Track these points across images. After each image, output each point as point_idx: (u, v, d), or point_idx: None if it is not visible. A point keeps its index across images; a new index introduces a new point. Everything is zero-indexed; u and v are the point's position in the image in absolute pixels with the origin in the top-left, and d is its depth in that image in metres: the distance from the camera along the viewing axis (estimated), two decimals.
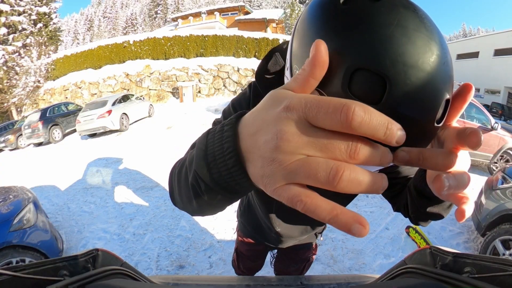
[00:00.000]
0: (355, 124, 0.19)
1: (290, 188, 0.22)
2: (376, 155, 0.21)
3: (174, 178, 0.43)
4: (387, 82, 0.25)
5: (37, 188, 4.47)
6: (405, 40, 0.25)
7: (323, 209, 0.21)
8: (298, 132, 0.21)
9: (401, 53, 0.25)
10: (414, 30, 0.26)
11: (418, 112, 0.26)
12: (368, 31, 0.26)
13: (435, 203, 0.48)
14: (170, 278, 0.67)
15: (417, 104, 0.26)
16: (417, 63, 0.25)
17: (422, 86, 0.25)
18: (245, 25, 23.13)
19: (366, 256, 2.46)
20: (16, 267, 0.40)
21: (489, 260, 0.43)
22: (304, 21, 0.32)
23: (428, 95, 0.26)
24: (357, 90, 0.26)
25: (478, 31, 72.45)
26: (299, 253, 1.09)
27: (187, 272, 2.37)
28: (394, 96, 0.25)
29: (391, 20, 0.26)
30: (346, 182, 0.19)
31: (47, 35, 14.97)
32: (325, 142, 0.20)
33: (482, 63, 21.59)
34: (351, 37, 0.26)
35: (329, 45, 0.26)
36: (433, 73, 0.26)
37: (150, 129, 8.18)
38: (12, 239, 2.04)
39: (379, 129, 0.19)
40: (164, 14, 53.95)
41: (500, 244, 2.15)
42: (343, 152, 0.20)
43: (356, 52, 0.25)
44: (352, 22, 0.26)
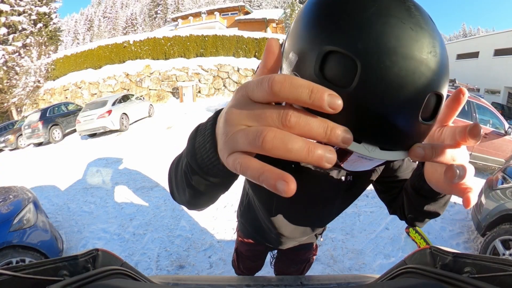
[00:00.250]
0: (275, 89, 0.20)
1: (233, 155, 0.24)
2: (313, 123, 0.21)
3: (172, 170, 0.46)
4: (358, 65, 0.23)
5: (37, 188, 4.47)
6: (382, 24, 0.24)
7: (253, 168, 0.22)
8: (240, 107, 0.24)
9: (375, 36, 0.23)
10: (395, 16, 0.24)
11: (394, 102, 0.24)
12: (345, 15, 0.25)
13: (431, 201, 0.49)
14: (170, 278, 0.67)
15: (391, 92, 0.24)
16: (394, 49, 0.23)
17: (399, 74, 0.23)
18: (245, 25, 23.12)
19: (366, 256, 2.46)
20: (16, 267, 0.40)
21: (489, 260, 0.43)
22: (296, 18, 0.33)
23: (407, 85, 0.24)
24: (329, 73, 0.25)
25: (478, 31, 72.44)
26: (299, 254, 1.08)
27: (187, 272, 2.37)
28: (365, 81, 0.23)
29: (370, 5, 0.25)
30: (269, 143, 0.20)
31: (47, 35, 14.97)
32: (260, 113, 0.22)
33: (482, 63, 21.58)
34: (329, 21, 0.26)
35: (309, 30, 0.27)
36: (413, 61, 0.24)
37: (150, 129, 8.18)
38: (12, 239, 2.04)
39: (302, 92, 0.20)
40: (164, 14, 53.93)
41: (500, 244, 2.15)
42: (275, 120, 0.21)
43: (330, 35, 0.25)
44: (332, 8, 0.26)
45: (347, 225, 2.93)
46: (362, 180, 0.65)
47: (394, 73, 0.23)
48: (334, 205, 0.69)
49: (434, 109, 0.27)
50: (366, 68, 0.23)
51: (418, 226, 0.61)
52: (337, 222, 2.95)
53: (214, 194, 0.39)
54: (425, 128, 0.28)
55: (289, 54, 0.29)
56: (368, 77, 0.23)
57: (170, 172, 0.48)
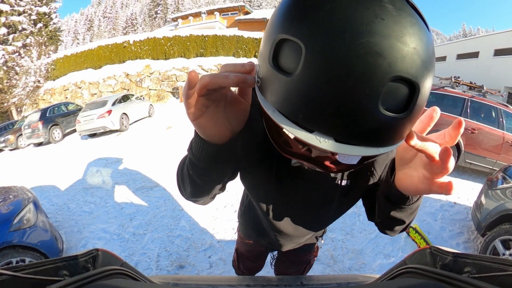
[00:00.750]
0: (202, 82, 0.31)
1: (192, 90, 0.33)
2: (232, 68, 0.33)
3: (179, 169, 0.55)
4: (301, 49, 0.22)
5: (37, 188, 4.47)
6: (332, 5, 0.22)
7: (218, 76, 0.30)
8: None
9: (322, 17, 0.22)
10: (352, 1, 0.22)
11: (343, 86, 0.21)
12: (301, 3, 0.24)
13: (398, 208, 0.50)
14: (170, 278, 0.67)
15: (339, 76, 0.21)
16: (341, 28, 0.21)
17: (347, 55, 0.21)
18: (245, 25, 23.12)
19: (366, 256, 2.46)
20: (16, 267, 0.40)
21: (489, 260, 0.43)
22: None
23: (358, 67, 0.21)
24: (280, 60, 0.25)
25: (478, 31, 72.45)
26: (299, 255, 1.08)
27: (187, 272, 2.37)
28: (310, 64, 0.22)
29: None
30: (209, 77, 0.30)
31: (47, 35, 14.97)
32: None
33: (482, 63, 21.57)
34: (285, 11, 0.26)
35: (270, 22, 0.28)
36: (367, 42, 0.21)
37: (150, 129, 8.18)
38: (12, 239, 2.04)
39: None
40: (164, 14, 53.93)
41: (500, 244, 2.15)
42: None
43: (283, 22, 0.25)
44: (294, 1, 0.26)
45: (347, 225, 2.93)
46: (359, 185, 0.65)
47: (341, 55, 0.21)
48: (331, 208, 0.68)
49: (407, 100, 0.24)
50: (310, 51, 0.22)
51: (388, 234, 0.61)
52: (337, 222, 2.95)
53: (209, 183, 0.47)
54: (393, 121, 0.24)
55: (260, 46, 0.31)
56: (312, 60, 0.22)
57: (177, 171, 0.56)
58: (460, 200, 3.53)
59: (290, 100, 0.23)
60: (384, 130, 0.24)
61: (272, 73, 0.25)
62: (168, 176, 4.48)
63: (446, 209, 3.30)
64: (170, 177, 4.42)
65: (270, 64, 0.25)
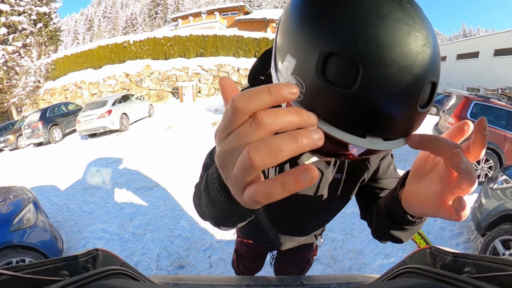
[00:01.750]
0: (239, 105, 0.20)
1: (245, 194, 0.23)
2: (283, 112, 0.21)
3: (197, 205, 0.50)
4: (359, 66, 0.24)
5: (37, 188, 4.47)
6: (378, 23, 0.24)
7: (274, 189, 0.21)
8: (221, 147, 0.24)
9: (373, 36, 0.24)
10: (389, 12, 0.25)
11: (397, 96, 0.25)
12: (340, 15, 0.25)
13: (399, 228, 0.48)
14: (170, 278, 0.67)
15: (393, 88, 0.25)
16: (391, 46, 0.24)
17: (399, 69, 0.24)
18: (245, 25, 23.12)
19: (366, 256, 2.46)
20: (16, 267, 0.40)
21: (489, 260, 0.43)
22: (285, 13, 0.32)
23: (406, 79, 0.25)
24: (331, 75, 0.25)
25: (478, 31, 72.45)
26: (299, 254, 1.08)
27: (187, 272, 2.37)
28: (368, 80, 0.24)
29: (365, 4, 0.25)
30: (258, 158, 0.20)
31: (47, 35, 14.97)
32: (235, 137, 0.22)
33: (482, 63, 21.58)
34: (324, 23, 0.26)
35: (305, 32, 0.27)
36: (410, 55, 0.24)
37: (150, 129, 8.18)
38: (12, 239, 2.04)
39: (262, 94, 0.20)
40: (164, 14, 53.94)
41: (500, 244, 2.15)
42: (250, 129, 0.21)
43: (328, 37, 0.25)
44: (326, 8, 0.26)
45: (347, 225, 2.93)
46: (355, 178, 0.66)
47: (395, 70, 0.24)
48: (329, 203, 0.69)
49: (429, 97, 0.29)
50: (368, 69, 0.24)
51: (380, 241, 0.61)
52: (337, 222, 2.95)
53: (242, 219, 0.40)
54: (422, 114, 0.29)
55: (285, 56, 0.29)
56: (370, 77, 0.24)
57: (195, 205, 0.52)
58: None
59: (347, 113, 0.25)
60: (416, 123, 0.29)
61: (322, 87, 0.26)
62: (168, 176, 4.48)
63: None
64: (170, 177, 4.42)
65: (319, 78, 0.26)
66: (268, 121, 0.20)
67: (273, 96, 0.21)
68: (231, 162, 0.23)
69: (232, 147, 0.22)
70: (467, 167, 0.27)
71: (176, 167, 4.82)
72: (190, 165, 4.85)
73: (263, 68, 0.54)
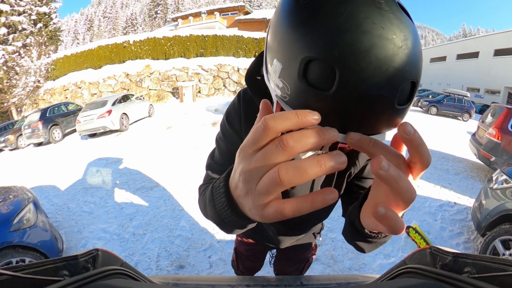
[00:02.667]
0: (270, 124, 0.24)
1: (268, 208, 0.26)
2: (307, 134, 0.24)
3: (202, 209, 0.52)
4: (336, 70, 0.26)
5: (37, 188, 4.47)
6: (354, 29, 0.25)
7: (304, 206, 0.25)
8: (248, 164, 0.26)
9: (349, 42, 0.25)
10: (366, 18, 0.26)
11: (372, 97, 0.26)
12: (320, 22, 0.27)
13: (361, 239, 0.46)
14: (170, 278, 0.67)
15: (369, 89, 0.26)
16: (367, 51, 0.25)
17: (374, 72, 0.26)
18: (245, 25, 23.13)
19: (366, 256, 2.46)
20: (16, 267, 0.40)
21: (489, 260, 0.43)
22: (275, 15, 0.34)
23: (382, 81, 0.26)
24: (311, 78, 0.28)
25: (478, 31, 72.45)
26: (298, 253, 1.09)
27: (187, 272, 2.37)
28: (344, 83, 0.26)
29: (343, 10, 0.26)
30: (286, 178, 0.23)
31: (47, 35, 14.97)
32: (263, 155, 0.25)
33: (482, 63, 21.59)
34: (306, 29, 0.27)
35: (290, 37, 0.29)
36: (386, 58, 0.26)
37: (150, 129, 8.18)
38: (12, 239, 2.04)
39: (291, 117, 0.24)
40: (164, 14, 53.96)
41: (500, 244, 2.15)
42: (276, 151, 0.24)
43: (309, 43, 0.27)
44: (308, 16, 0.28)
45: None
46: (343, 171, 0.65)
47: (370, 73, 0.26)
48: None
49: (409, 95, 0.30)
50: (344, 73, 0.26)
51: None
52: (337, 222, 2.95)
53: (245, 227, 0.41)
54: (402, 111, 0.30)
55: (273, 60, 0.32)
56: (346, 80, 0.26)
57: (200, 209, 0.54)
58: (460, 200, 3.53)
59: (327, 112, 0.28)
60: (394, 119, 0.30)
61: (304, 89, 0.28)
62: (168, 176, 4.48)
63: (446, 209, 3.30)
64: (170, 177, 4.42)
65: (300, 80, 0.28)
66: (293, 144, 0.23)
67: (300, 119, 0.24)
68: (256, 179, 0.26)
69: (258, 165, 0.25)
70: (389, 174, 0.24)
71: (176, 167, 4.82)
72: (190, 165, 4.85)
73: (259, 68, 0.54)
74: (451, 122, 10.48)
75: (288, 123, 0.24)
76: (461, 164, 5.02)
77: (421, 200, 3.49)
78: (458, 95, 12.28)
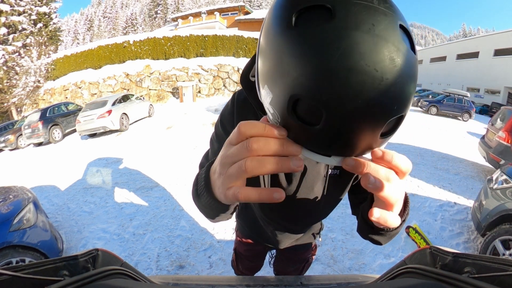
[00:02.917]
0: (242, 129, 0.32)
1: (231, 189, 0.34)
2: (270, 142, 0.30)
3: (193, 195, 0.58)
4: (323, 112, 0.26)
5: (37, 188, 4.47)
6: (345, 74, 0.24)
7: (252, 194, 0.32)
8: (225, 152, 0.34)
9: (338, 88, 0.25)
10: (358, 60, 0.24)
11: (357, 134, 0.28)
12: (311, 62, 0.25)
13: (375, 232, 0.52)
14: (170, 278, 0.67)
15: (355, 128, 0.27)
16: (355, 97, 0.25)
17: (360, 114, 0.26)
18: (245, 25, 23.14)
19: (366, 256, 2.46)
20: (16, 267, 0.40)
21: (489, 260, 0.43)
22: (263, 37, 0.32)
23: (368, 121, 0.27)
24: (300, 114, 0.29)
25: (478, 31, 72.46)
26: (297, 253, 1.09)
27: (187, 272, 2.37)
28: (330, 122, 0.27)
29: (335, 51, 0.25)
30: (250, 167, 0.30)
31: (47, 35, 14.97)
32: (235, 150, 0.32)
33: (482, 63, 21.59)
34: (295, 66, 0.26)
35: (279, 69, 0.28)
36: (374, 101, 0.25)
37: (150, 129, 8.18)
38: (12, 239, 2.04)
39: (258, 128, 0.31)
40: (164, 14, 53.97)
41: (500, 244, 2.15)
42: (243, 149, 0.31)
43: (298, 82, 0.26)
44: (298, 50, 0.26)
45: (347, 225, 2.93)
46: (348, 174, 0.68)
47: (357, 116, 0.26)
48: (323, 199, 0.70)
49: (393, 127, 0.31)
50: (330, 115, 0.26)
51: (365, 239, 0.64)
52: (337, 222, 2.95)
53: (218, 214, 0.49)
54: (381, 142, 0.31)
55: (264, 85, 0.32)
56: (332, 120, 0.27)
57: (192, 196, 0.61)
58: (460, 200, 3.53)
59: (313, 142, 0.30)
60: (375, 146, 0.32)
61: (292, 123, 0.30)
62: (168, 176, 4.48)
63: (446, 209, 3.30)
64: (170, 177, 4.42)
65: (289, 114, 0.29)
66: (256, 147, 0.30)
67: (265, 131, 0.31)
68: (229, 164, 0.33)
69: (232, 154, 0.33)
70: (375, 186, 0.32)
71: (176, 167, 4.82)
72: (190, 165, 4.85)
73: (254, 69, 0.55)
74: (451, 122, 10.48)
75: (256, 131, 0.31)
76: (461, 164, 5.03)
77: (421, 200, 3.49)
78: (458, 95, 12.28)
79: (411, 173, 4.38)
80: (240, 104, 0.63)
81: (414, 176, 4.27)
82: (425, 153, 5.61)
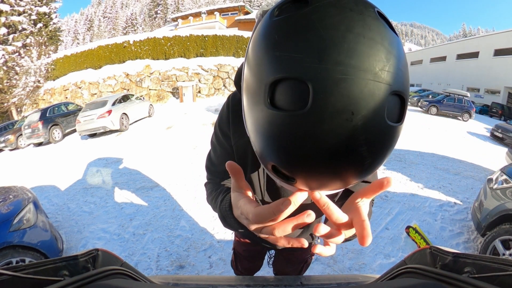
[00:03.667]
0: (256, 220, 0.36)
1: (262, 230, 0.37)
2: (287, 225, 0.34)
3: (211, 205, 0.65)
4: (309, 85, 0.23)
5: (37, 188, 4.47)
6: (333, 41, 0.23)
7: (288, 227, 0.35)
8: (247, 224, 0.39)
9: (321, 52, 0.22)
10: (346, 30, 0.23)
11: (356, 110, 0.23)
12: (288, 39, 0.24)
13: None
14: (170, 278, 0.67)
15: (351, 102, 0.23)
16: (342, 61, 0.22)
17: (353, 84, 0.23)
18: (245, 25, 23.14)
19: (366, 256, 2.46)
20: (16, 267, 0.40)
21: (489, 260, 0.43)
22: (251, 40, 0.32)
23: (364, 92, 0.23)
24: (281, 102, 0.25)
25: (478, 31, 72.46)
26: (295, 254, 1.08)
27: (187, 272, 2.37)
28: (321, 98, 0.23)
29: (313, 24, 0.23)
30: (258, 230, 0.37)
31: (47, 35, 14.96)
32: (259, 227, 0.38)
33: (482, 63, 21.58)
34: (272, 51, 0.25)
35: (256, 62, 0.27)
36: (364, 68, 0.23)
37: (150, 129, 8.18)
38: (12, 239, 2.04)
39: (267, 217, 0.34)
40: (164, 14, 53.96)
41: (500, 244, 2.15)
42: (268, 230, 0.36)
43: (273, 64, 0.24)
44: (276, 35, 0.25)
45: None
46: None
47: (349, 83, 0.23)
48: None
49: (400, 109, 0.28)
50: (318, 86, 0.23)
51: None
52: None
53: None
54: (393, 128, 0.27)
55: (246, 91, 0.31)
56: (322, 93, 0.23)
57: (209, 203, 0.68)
58: (460, 200, 3.53)
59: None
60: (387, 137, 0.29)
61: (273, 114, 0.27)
62: (168, 176, 4.48)
63: (446, 209, 3.30)
64: (170, 177, 4.42)
65: (269, 107, 0.25)
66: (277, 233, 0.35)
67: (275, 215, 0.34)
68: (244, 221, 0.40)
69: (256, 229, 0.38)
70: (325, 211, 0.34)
71: (176, 167, 4.82)
72: (190, 165, 4.85)
73: None
74: (451, 122, 10.48)
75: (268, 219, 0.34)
76: (461, 164, 5.02)
77: (421, 200, 3.49)
78: (458, 95, 12.27)
79: (411, 173, 4.40)
80: (235, 105, 0.64)
81: (414, 176, 4.27)
82: (425, 153, 5.61)
